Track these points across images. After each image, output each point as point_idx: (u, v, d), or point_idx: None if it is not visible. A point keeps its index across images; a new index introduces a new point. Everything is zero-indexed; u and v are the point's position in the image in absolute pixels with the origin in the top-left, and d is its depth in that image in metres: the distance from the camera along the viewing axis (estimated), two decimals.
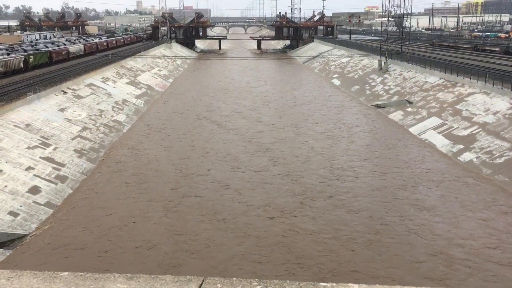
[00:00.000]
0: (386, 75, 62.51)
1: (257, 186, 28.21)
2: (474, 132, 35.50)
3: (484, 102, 39.30)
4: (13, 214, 23.15)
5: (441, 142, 36.52)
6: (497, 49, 73.78)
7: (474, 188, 27.28)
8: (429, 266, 19.01)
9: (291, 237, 21.50)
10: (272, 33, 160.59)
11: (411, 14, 70.19)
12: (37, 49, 66.71)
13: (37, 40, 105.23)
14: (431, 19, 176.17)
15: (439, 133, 38.30)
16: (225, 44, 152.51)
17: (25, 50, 63.49)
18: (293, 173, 30.49)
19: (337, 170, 30.80)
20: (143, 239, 21.33)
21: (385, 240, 21.20)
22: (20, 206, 24.05)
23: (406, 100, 49.88)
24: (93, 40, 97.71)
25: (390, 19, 69.74)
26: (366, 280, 17.61)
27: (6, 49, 64.00)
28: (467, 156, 32.65)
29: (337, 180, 28.91)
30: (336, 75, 77.39)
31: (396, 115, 46.93)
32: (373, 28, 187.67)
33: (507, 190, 26.59)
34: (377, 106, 52.25)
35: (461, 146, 34.37)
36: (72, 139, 35.52)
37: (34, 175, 27.68)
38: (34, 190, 26.10)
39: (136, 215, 24.04)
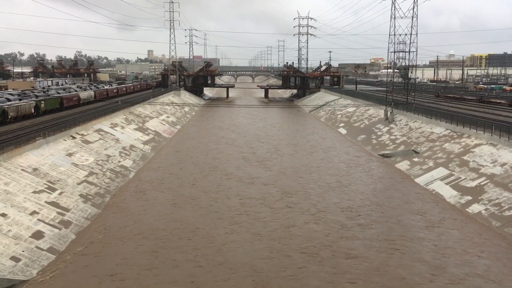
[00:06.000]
0: (392, 125, 62.86)
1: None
2: (482, 183, 35.18)
3: (491, 153, 39.19)
4: (15, 259, 22.88)
5: (448, 193, 36.14)
6: (503, 101, 74.27)
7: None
8: None
9: None
10: (279, 82, 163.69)
11: (416, 66, 71.34)
12: (49, 95, 67.98)
13: (49, 86, 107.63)
14: (436, 71, 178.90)
15: (447, 184, 37.98)
16: (233, 92, 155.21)
17: (36, 96, 64.69)
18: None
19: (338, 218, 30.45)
20: None
21: None
22: (23, 251, 23.79)
23: (413, 150, 49.85)
24: (103, 86, 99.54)
25: (396, 70, 70.92)
26: None
27: (18, 95, 65.33)
28: (475, 208, 32.20)
29: (342, 230, 28.53)
30: (342, 124, 77.96)
31: (403, 165, 46.75)
32: (379, 78, 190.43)
33: None
34: (384, 156, 52.18)
35: (469, 198, 33.97)
36: (78, 184, 35.56)
37: (38, 219, 27.54)
38: (38, 235, 25.89)
39: (135, 270, 23.54)
